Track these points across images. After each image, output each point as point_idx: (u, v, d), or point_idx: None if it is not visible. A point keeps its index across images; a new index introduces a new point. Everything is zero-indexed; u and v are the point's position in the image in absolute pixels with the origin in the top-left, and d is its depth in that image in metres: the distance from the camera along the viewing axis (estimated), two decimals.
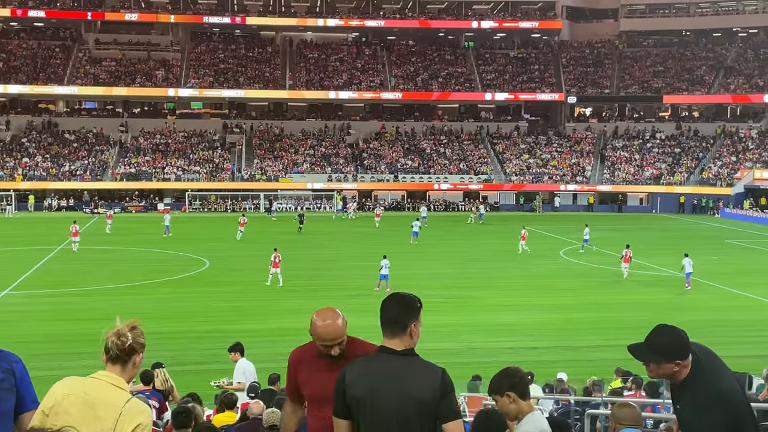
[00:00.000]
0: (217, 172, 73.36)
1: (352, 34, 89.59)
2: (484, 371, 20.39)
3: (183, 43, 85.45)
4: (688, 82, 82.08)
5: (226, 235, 52.64)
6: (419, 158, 77.09)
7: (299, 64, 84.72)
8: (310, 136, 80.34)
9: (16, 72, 78.23)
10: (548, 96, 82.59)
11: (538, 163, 77.14)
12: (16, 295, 32.71)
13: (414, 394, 4.14)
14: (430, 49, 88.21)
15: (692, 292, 34.86)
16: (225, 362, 23.21)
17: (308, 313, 19.37)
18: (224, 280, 36.36)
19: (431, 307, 30.61)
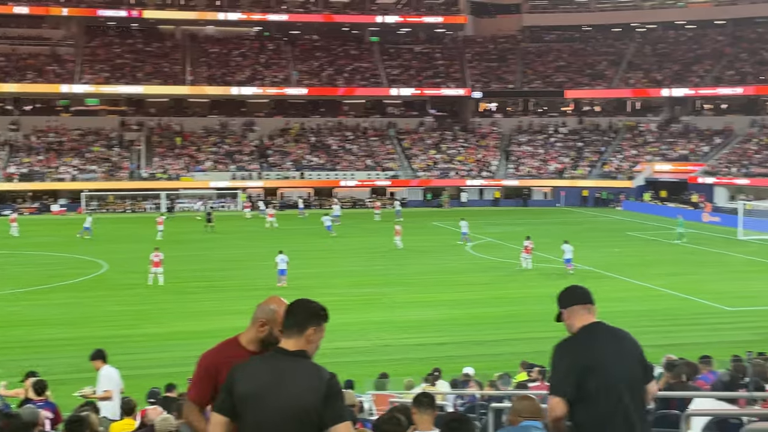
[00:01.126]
0: (115, 171, 71.54)
1: (254, 29, 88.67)
2: (393, 369, 20.60)
3: (77, 38, 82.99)
4: (589, 77, 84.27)
5: (126, 236, 51.53)
6: (325, 155, 76.90)
7: (200, 59, 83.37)
8: (213, 133, 79.14)
9: None
10: (453, 91, 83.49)
11: (445, 158, 77.97)
12: None
13: (295, 396, 4.13)
14: (334, 44, 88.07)
15: (594, 282, 35.77)
16: (128, 368, 22.76)
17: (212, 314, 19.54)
18: (123, 283, 35.59)
19: (340, 305, 30.76)
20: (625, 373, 4.88)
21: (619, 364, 4.89)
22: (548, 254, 42.01)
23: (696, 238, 50.65)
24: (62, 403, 13.44)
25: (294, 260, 37.91)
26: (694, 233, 52.38)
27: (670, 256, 44.64)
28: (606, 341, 4.99)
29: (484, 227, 55.67)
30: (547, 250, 42.59)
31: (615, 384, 4.82)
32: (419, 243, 47.42)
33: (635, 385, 4.93)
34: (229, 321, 28.21)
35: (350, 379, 16.04)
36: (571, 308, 5.12)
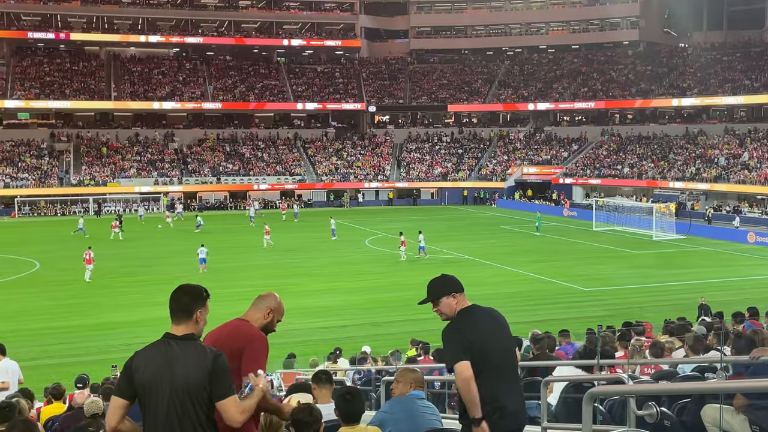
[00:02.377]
0: (45, 179, 68.80)
1: (173, 50, 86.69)
2: (301, 349, 20.59)
3: (8, 57, 79.38)
4: (467, 93, 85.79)
5: (56, 237, 49.65)
6: (240, 162, 75.87)
7: (124, 77, 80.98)
8: (137, 143, 77.02)
9: None
10: (352, 105, 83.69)
11: (345, 164, 78.01)
12: None
13: (186, 377, 4.06)
14: (246, 64, 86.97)
15: (472, 269, 36.48)
16: (59, 357, 22.03)
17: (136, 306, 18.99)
18: (55, 280, 34.34)
19: (253, 295, 30.42)
20: (501, 344, 5.17)
21: (497, 337, 5.16)
22: (434, 246, 42.58)
23: (557, 230, 52.26)
24: None
25: (213, 255, 37.46)
26: (556, 226, 54.04)
27: (536, 246, 45.89)
28: (485, 320, 5.18)
29: (381, 224, 56.07)
30: (433, 242, 43.17)
31: (495, 353, 5.08)
32: (323, 239, 47.35)
33: (510, 353, 5.26)
34: (152, 311, 27.63)
35: None
36: (450, 295, 5.22)
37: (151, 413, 4.11)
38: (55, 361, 21.34)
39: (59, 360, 21.57)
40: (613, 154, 73.41)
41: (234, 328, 4.83)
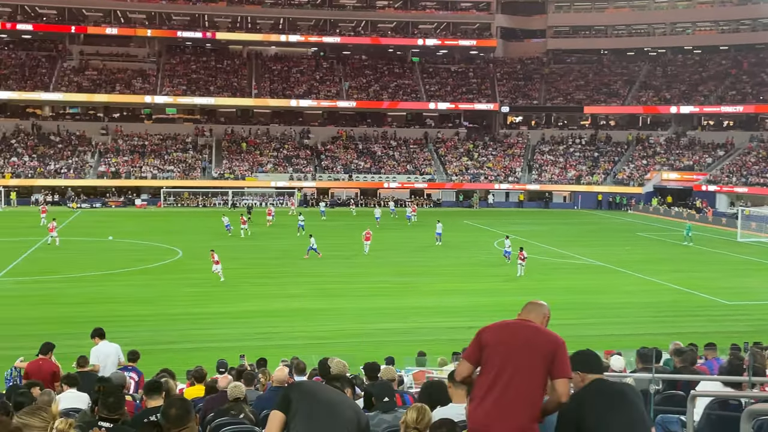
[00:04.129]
0: (189, 171, 72.48)
1: (311, 49, 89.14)
2: (426, 348, 20.59)
3: (159, 55, 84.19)
4: (605, 95, 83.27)
5: (198, 227, 52.10)
6: (371, 160, 77.08)
7: (264, 75, 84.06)
8: (274, 139, 79.78)
9: (5, 79, 76.32)
10: (484, 106, 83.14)
11: (476, 164, 77.62)
12: (6, 281, 32.03)
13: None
14: (380, 63, 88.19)
15: (605, 277, 35.42)
16: (197, 341, 23.12)
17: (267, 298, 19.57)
18: (195, 269, 35.97)
19: (383, 291, 30.81)
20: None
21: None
22: (565, 251, 41.64)
23: (698, 240, 49.84)
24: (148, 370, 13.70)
25: (344, 252, 38.21)
26: (698, 235, 51.53)
27: (675, 255, 43.96)
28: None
29: (510, 226, 55.36)
30: (564, 247, 42.23)
31: None
32: (452, 239, 47.26)
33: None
34: (284, 303, 28.53)
35: (391, 356, 16.08)
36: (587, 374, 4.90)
37: None
38: (194, 346, 22.38)
39: (198, 344, 22.60)
40: (763, 161, 69.25)
41: (540, 330, 4.92)
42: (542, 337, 4.81)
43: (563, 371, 4.68)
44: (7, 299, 28.59)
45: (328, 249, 41.29)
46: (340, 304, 28.71)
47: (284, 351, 19.69)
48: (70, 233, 46.58)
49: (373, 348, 20.93)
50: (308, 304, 28.55)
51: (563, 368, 4.69)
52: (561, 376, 4.66)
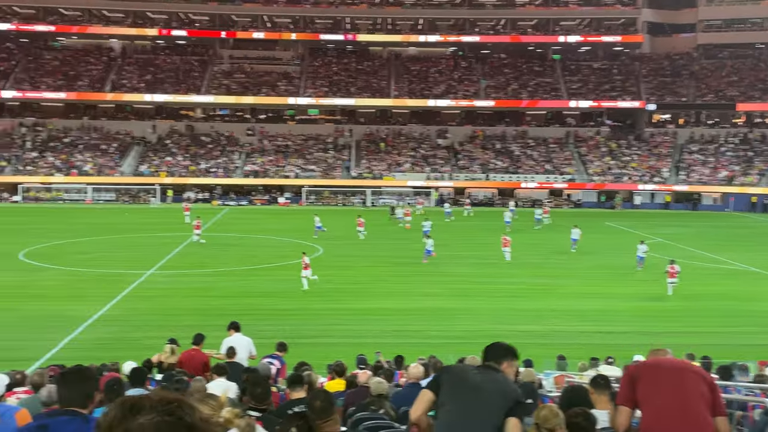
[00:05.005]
0: (330, 171, 74.39)
1: (450, 49, 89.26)
2: (564, 352, 20.12)
3: (302, 58, 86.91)
4: (761, 91, 78.32)
5: (338, 225, 53.26)
6: (509, 159, 76.27)
7: (403, 75, 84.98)
8: (411, 139, 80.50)
9: (162, 83, 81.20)
10: (629, 104, 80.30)
11: (619, 164, 75.09)
12: (160, 274, 34.05)
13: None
14: (520, 62, 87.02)
15: (762, 284, 33.33)
16: (335, 336, 23.69)
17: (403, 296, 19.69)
18: (335, 265, 36.80)
19: (519, 292, 30.39)
20: None
21: None
22: (716, 255, 39.54)
23: None
24: (288, 362, 14.20)
25: (480, 252, 37.97)
26: None
27: None
28: None
29: (655, 228, 53.20)
30: (714, 250, 40.11)
31: None
32: (592, 240, 45.94)
33: None
34: (420, 302, 28.72)
35: (529, 359, 15.85)
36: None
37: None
38: (333, 341, 22.95)
39: (336, 340, 23.16)
40: None
41: (691, 366, 5.43)
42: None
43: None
44: (159, 291, 30.40)
45: (464, 249, 41.20)
46: (476, 304, 28.58)
47: (420, 349, 19.82)
48: (217, 230, 48.89)
49: None
50: (444, 303, 28.60)
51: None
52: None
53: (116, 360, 15.21)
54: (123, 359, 15.66)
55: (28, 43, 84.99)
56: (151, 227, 51.22)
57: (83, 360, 17.18)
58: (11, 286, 30.59)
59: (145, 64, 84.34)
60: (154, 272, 34.30)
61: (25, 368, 15.56)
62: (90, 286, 31.08)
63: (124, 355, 17.61)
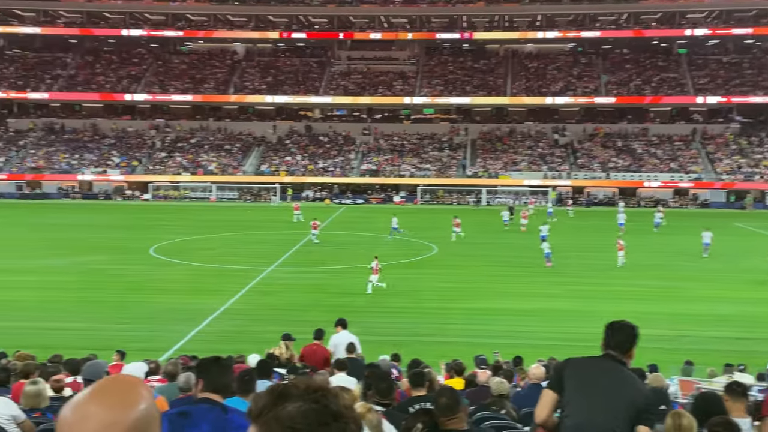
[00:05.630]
0: (444, 170, 74.36)
1: (569, 45, 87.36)
2: (692, 358, 19.30)
3: (418, 58, 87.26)
4: None
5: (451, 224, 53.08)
6: (631, 158, 73.88)
7: (520, 73, 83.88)
8: (528, 137, 79.35)
9: (282, 85, 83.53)
10: (761, 99, 76.08)
11: (750, 162, 71.33)
12: (281, 271, 35.03)
13: None
14: (643, 57, 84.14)
15: None
16: (451, 335, 23.64)
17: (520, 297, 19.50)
18: (450, 265, 36.75)
19: (642, 295, 29.36)
20: None
21: None
22: None
23: None
24: (403, 360, 14.29)
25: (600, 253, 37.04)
26: None
27: None
28: None
29: None
30: None
31: None
32: (720, 242, 43.80)
33: None
34: (539, 303, 28.24)
35: (654, 363, 15.28)
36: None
37: None
38: (449, 340, 22.91)
39: (452, 339, 23.11)
40: None
41: None
42: None
43: None
44: (282, 286, 31.26)
45: (582, 250, 40.24)
46: (596, 306, 27.81)
47: (538, 351, 19.50)
48: (334, 228, 49.78)
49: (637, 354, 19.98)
50: (562, 305, 28.01)
51: None
52: None
53: (239, 352, 15.76)
54: (244, 352, 16.23)
55: (158, 48, 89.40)
56: (272, 225, 52.76)
57: (209, 352, 17.91)
58: (143, 280, 32.25)
59: (266, 66, 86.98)
60: (274, 268, 35.31)
61: (156, 357, 16.37)
62: (215, 280, 32.34)
63: (245, 348, 18.23)
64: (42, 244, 41.84)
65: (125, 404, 1.83)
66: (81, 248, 40.60)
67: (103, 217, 57.93)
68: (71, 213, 61.18)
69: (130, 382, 1.89)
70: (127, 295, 28.92)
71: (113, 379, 1.90)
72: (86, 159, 77.22)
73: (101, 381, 1.85)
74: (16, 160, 77.16)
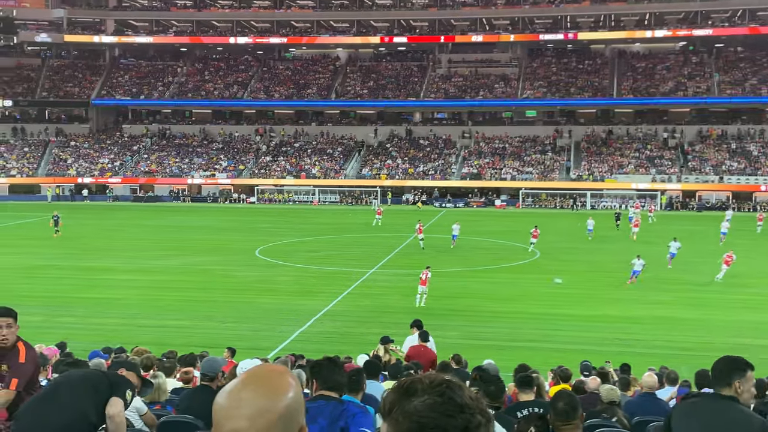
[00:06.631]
0: (547, 173, 73.18)
1: (680, 44, 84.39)
2: None
3: (520, 59, 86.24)
4: None
5: (555, 229, 52.27)
6: (746, 160, 70.64)
7: (626, 73, 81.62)
8: (636, 139, 77.09)
9: (383, 89, 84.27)
10: None
11: None
12: (382, 273, 35.33)
13: None
14: (759, 54, 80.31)
15: None
16: (553, 342, 23.24)
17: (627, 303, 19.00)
18: (553, 270, 36.12)
19: (757, 304, 27.99)
20: None
21: None
22: None
23: None
24: (506, 365, 14.17)
25: (715, 259, 35.70)
26: None
27: None
28: None
29: None
30: None
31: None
32: None
33: None
34: (646, 309, 27.41)
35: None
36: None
37: None
38: (555, 346, 22.54)
39: (556, 345, 22.72)
40: None
41: None
42: None
43: None
44: (380, 289, 31.54)
45: (695, 255, 38.82)
46: (710, 315, 26.78)
47: (647, 359, 18.94)
48: (435, 231, 49.78)
49: (755, 364, 19.11)
50: (673, 312, 27.09)
51: None
52: None
53: (342, 353, 16.02)
54: (347, 353, 16.49)
55: (263, 55, 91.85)
56: (374, 228, 53.25)
57: (313, 351, 18.29)
58: (250, 281, 33.22)
59: (367, 71, 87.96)
60: (376, 270, 35.65)
61: (264, 356, 16.83)
62: (318, 282, 32.95)
63: (347, 349, 18.54)
64: (154, 245, 43.73)
65: (276, 392, 1.93)
66: (189, 249, 42.21)
67: (211, 219, 59.99)
68: (181, 215, 63.67)
69: (279, 371, 1.99)
70: (234, 296, 29.84)
71: (264, 368, 2.01)
72: (195, 163, 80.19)
73: (252, 369, 1.96)
74: (130, 165, 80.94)
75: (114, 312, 26.73)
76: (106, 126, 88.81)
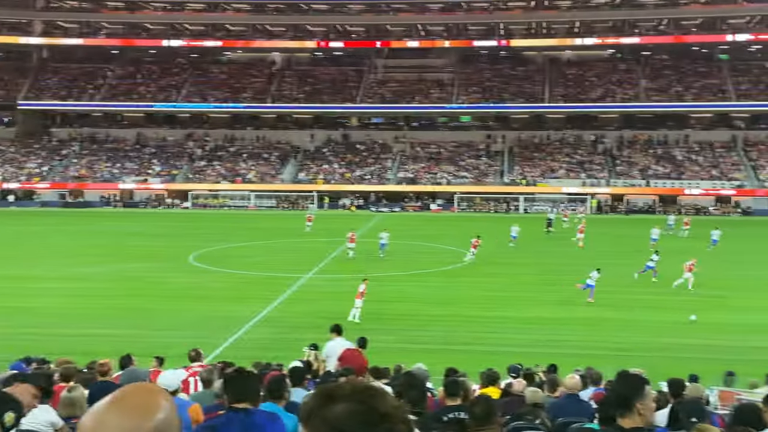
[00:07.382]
0: (481, 177, 74.06)
1: (608, 51, 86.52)
2: (734, 368, 18.90)
3: (455, 65, 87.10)
4: None
5: (490, 232, 52.82)
6: (671, 165, 72.85)
7: (558, 80, 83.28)
8: (567, 144, 78.70)
9: (319, 94, 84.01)
10: None
11: None
12: (317, 278, 35.16)
13: None
14: (683, 63, 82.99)
15: None
16: (486, 344, 23.50)
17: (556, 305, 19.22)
18: (487, 273, 36.58)
19: (685, 304, 28.83)
20: None
21: None
22: None
23: None
24: (439, 369, 14.25)
25: (631, 261, 36.59)
26: None
27: None
28: None
29: None
30: None
31: None
32: (765, 251, 42.99)
33: None
34: (574, 311, 27.95)
35: (695, 374, 15.02)
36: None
37: None
38: (487, 348, 22.78)
39: (490, 348, 22.97)
40: None
41: None
42: None
43: None
44: (316, 294, 31.35)
45: (622, 258, 39.76)
46: (634, 315, 27.49)
47: (575, 360, 19.29)
48: (372, 236, 49.76)
49: (674, 363, 19.69)
50: (599, 313, 27.71)
51: None
52: None
53: (275, 359, 15.86)
54: (281, 359, 16.35)
55: (197, 58, 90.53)
56: (310, 232, 52.94)
57: (247, 359, 18.06)
58: (182, 287, 32.64)
59: (304, 75, 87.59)
60: (311, 276, 35.46)
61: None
62: (252, 288, 32.58)
63: (282, 355, 18.36)
64: (82, 252, 42.59)
65: (145, 412, 1.83)
66: (121, 255, 41.25)
67: (144, 225, 58.77)
68: (113, 221, 62.20)
69: (149, 391, 1.91)
70: (167, 303, 29.28)
71: (134, 387, 1.92)
72: (127, 168, 78.50)
73: (122, 389, 1.88)
74: (59, 169, 78.73)
75: (38, 321, 25.89)
76: (33, 129, 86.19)
